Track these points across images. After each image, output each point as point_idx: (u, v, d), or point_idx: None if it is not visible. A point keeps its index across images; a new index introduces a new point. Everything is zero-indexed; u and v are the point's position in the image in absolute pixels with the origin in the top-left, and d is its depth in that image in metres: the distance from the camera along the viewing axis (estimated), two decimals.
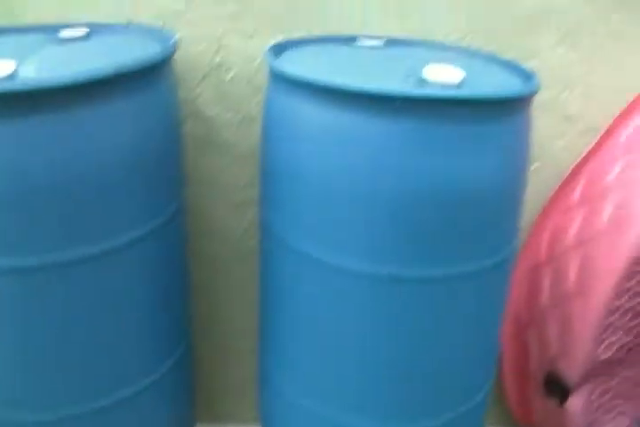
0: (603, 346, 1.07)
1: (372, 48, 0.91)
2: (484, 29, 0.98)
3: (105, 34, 0.92)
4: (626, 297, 1.02)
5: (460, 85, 0.73)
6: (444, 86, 0.72)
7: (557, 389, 1.13)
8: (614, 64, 1.02)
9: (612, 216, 1.02)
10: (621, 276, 1.00)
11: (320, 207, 0.77)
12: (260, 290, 0.94)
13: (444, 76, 0.73)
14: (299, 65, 0.81)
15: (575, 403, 1.12)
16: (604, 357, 1.08)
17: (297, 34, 0.97)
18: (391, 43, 0.93)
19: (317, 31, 0.97)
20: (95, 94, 0.71)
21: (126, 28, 0.94)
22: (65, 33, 0.90)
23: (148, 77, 0.78)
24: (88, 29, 0.91)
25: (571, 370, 1.10)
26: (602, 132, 1.07)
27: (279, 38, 0.98)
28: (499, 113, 0.73)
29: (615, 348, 1.08)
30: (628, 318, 1.05)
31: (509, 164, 0.78)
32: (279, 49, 0.87)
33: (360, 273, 0.77)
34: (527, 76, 0.81)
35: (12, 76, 0.69)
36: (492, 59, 0.89)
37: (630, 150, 1.05)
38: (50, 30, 0.92)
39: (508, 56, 0.97)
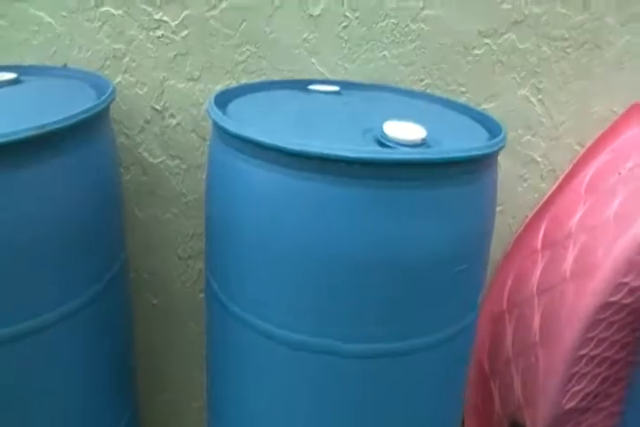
0: (567, 395, 1.03)
1: (326, 94, 0.85)
2: (444, 70, 0.94)
3: (37, 78, 0.85)
4: (591, 345, 0.99)
5: (422, 144, 0.67)
6: (405, 146, 0.67)
7: None
8: (578, 104, 0.99)
9: (574, 263, 0.99)
10: (586, 324, 0.96)
11: (263, 272, 0.70)
12: (205, 350, 0.88)
13: (404, 134, 0.67)
14: (244, 119, 0.74)
15: None
16: (568, 406, 1.04)
17: (245, 77, 0.92)
18: (347, 87, 0.88)
19: (268, 75, 0.92)
20: (22, 155, 0.63)
21: (61, 72, 0.87)
22: None
23: (83, 132, 0.70)
24: (17, 73, 0.84)
25: (536, 420, 1.06)
26: (564, 174, 1.04)
27: (227, 82, 0.92)
28: (464, 172, 0.68)
29: (580, 396, 1.04)
30: (592, 366, 1.02)
31: (476, 223, 0.72)
32: (225, 97, 0.81)
33: (308, 346, 0.71)
34: (492, 125, 0.76)
35: None
36: (452, 105, 0.85)
37: (591, 193, 1.02)
38: None
39: (468, 97, 0.94)
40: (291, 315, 0.70)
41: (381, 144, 0.68)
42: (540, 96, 0.97)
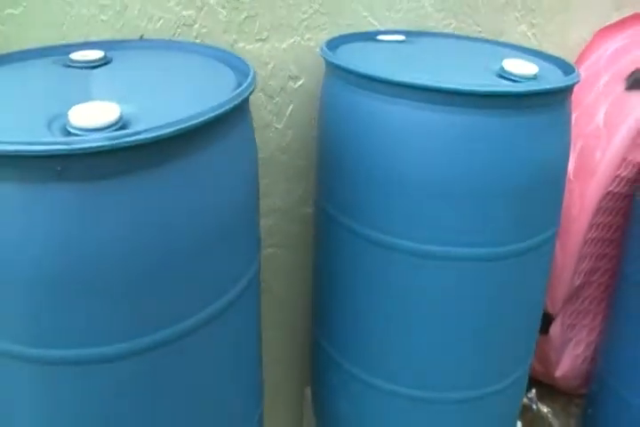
0: (577, 274, 1.27)
1: (401, 43, 0.94)
2: (466, 14, 1.06)
3: (124, 53, 0.81)
4: (594, 230, 1.23)
5: (536, 77, 0.80)
6: (525, 78, 0.79)
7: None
8: (560, 35, 1.18)
9: (575, 165, 1.20)
10: (592, 213, 1.20)
11: (425, 204, 0.81)
12: (334, 290, 0.95)
13: (524, 69, 0.80)
14: (378, 66, 0.81)
15: (554, 329, 1.33)
16: (577, 283, 1.29)
17: (309, 34, 0.96)
18: (412, 36, 0.97)
19: (329, 30, 0.97)
20: (205, 136, 0.59)
21: (146, 44, 0.85)
22: (80, 55, 0.76)
23: (242, 112, 0.68)
24: (103, 51, 0.80)
25: (554, 300, 1.29)
26: None
27: (291, 40, 0.96)
28: (564, 99, 0.83)
29: (583, 274, 1.29)
30: (592, 247, 1.26)
31: (569, 140, 0.89)
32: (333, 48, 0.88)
33: (457, 256, 0.83)
34: (556, 62, 0.91)
35: (123, 123, 0.56)
36: (513, 46, 0.97)
37: (575, 107, 1.23)
38: (54, 53, 0.79)
39: (484, 36, 1.09)
40: (440, 232, 0.81)
41: (504, 78, 0.80)
42: (533, 30, 1.15)
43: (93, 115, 0.56)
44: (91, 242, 0.55)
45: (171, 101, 0.65)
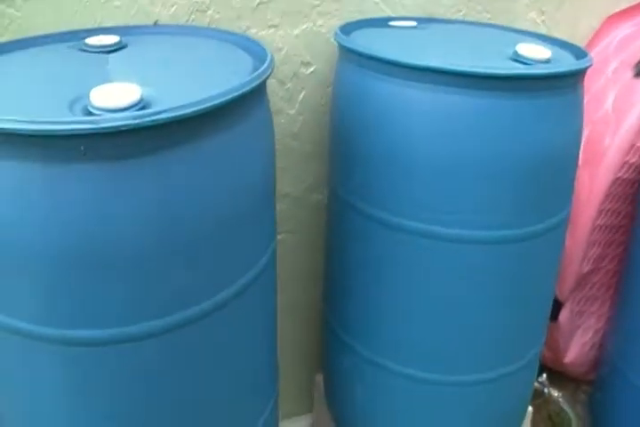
0: (585, 261, 1.28)
1: (413, 29, 0.94)
2: (475, 1, 1.07)
3: (139, 39, 0.82)
4: (603, 216, 1.24)
5: (549, 61, 0.81)
6: (538, 62, 0.80)
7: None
8: (569, 22, 1.18)
9: (583, 153, 1.20)
10: (601, 199, 1.20)
11: (437, 186, 0.81)
12: (346, 274, 0.96)
13: (535, 53, 0.80)
14: (391, 50, 0.81)
15: (563, 316, 1.33)
16: (585, 270, 1.29)
17: (320, 20, 0.97)
18: (423, 22, 0.97)
19: (339, 16, 0.97)
20: (227, 117, 0.60)
21: (160, 30, 0.85)
22: (95, 40, 0.77)
23: (261, 94, 0.69)
24: (117, 35, 0.80)
25: (563, 288, 1.30)
26: None
27: (303, 26, 0.96)
28: (576, 82, 0.84)
29: (592, 260, 1.30)
30: (601, 233, 1.27)
31: (580, 123, 0.89)
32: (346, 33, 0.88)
33: (467, 238, 0.83)
34: (567, 47, 0.91)
35: (143, 104, 0.57)
36: (524, 32, 0.98)
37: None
38: (68, 39, 0.80)
39: (493, 22, 1.09)
40: (454, 215, 0.82)
41: (518, 62, 0.80)
42: (542, 17, 1.15)
43: (115, 95, 0.57)
44: (115, 221, 0.56)
45: (189, 84, 0.66)
